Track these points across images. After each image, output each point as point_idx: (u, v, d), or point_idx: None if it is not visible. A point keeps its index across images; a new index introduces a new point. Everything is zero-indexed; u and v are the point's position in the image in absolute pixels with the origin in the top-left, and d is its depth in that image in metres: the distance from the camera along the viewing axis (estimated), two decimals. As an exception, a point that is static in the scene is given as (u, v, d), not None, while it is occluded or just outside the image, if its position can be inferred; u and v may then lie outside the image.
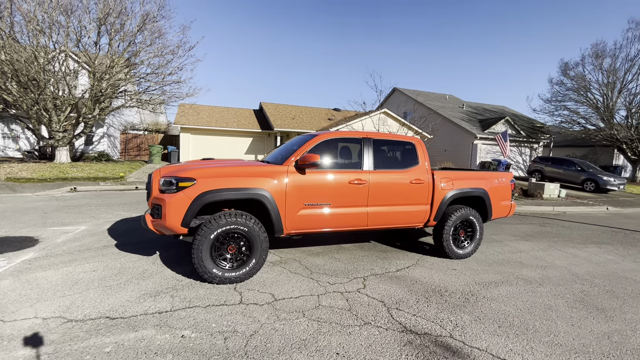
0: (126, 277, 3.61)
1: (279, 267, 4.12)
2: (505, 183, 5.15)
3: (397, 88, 29.16)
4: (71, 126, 14.00)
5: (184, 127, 21.19)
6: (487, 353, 2.52)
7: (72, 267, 3.81)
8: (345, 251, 4.96)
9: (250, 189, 3.52)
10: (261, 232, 3.58)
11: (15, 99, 12.20)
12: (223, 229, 3.42)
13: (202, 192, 3.35)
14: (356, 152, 4.25)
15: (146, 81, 14.98)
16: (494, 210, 5.00)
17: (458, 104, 28.24)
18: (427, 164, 4.59)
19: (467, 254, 4.80)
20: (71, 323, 2.63)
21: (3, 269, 3.69)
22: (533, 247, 5.78)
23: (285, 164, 3.84)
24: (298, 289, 3.51)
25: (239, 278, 3.53)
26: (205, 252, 3.37)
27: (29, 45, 12.04)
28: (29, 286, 3.27)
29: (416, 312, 3.13)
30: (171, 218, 3.32)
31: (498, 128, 22.02)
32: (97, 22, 12.66)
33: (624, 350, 2.67)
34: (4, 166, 12.85)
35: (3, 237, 4.89)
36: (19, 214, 6.61)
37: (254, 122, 24.03)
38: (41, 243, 4.70)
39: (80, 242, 4.78)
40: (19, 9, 11.50)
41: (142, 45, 13.71)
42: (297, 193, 3.76)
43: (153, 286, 3.40)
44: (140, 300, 3.07)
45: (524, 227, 7.76)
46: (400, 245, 5.44)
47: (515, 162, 22.98)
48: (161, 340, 2.46)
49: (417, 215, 4.51)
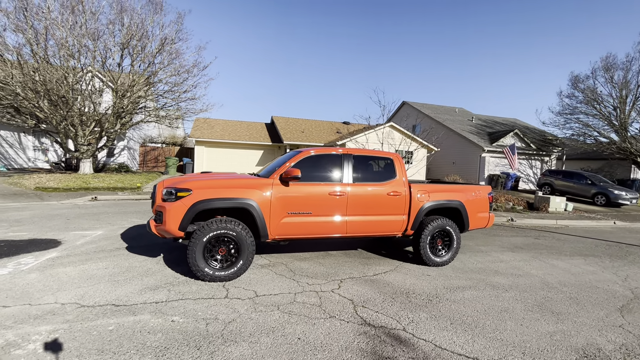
0: (132, 274, 4.17)
1: (266, 269, 4.60)
2: (483, 196, 5.49)
3: (406, 102, 29.62)
4: (95, 140, 15.13)
5: (199, 140, 22.28)
6: (430, 343, 2.89)
7: (88, 265, 4.41)
8: (331, 257, 5.39)
9: (239, 199, 4.05)
10: (248, 236, 4.09)
11: (46, 116, 13.41)
12: (214, 233, 3.95)
13: (196, 201, 3.90)
14: (337, 167, 4.73)
15: (163, 98, 16.08)
16: (471, 221, 5.33)
17: (467, 117, 28.35)
18: (405, 178, 5.01)
19: (444, 261, 5.13)
20: (83, 308, 3.19)
21: (31, 265, 4.33)
22: (516, 258, 6.02)
23: (271, 177, 4.36)
24: (279, 287, 3.96)
25: (227, 277, 4.03)
26: (198, 253, 3.90)
27: (60, 67, 13.28)
28: (51, 279, 3.88)
29: (379, 309, 3.52)
30: (170, 223, 3.88)
31: (507, 141, 21.99)
32: (121, 46, 13.86)
33: (560, 347, 2.97)
34: (34, 177, 14.00)
35: (32, 239, 5.60)
36: (46, 219, 7.39)
37: (265, 135, 24.92)
38: (63, 245, 5.37)
39: (96, 245, 5.42)
40: (52, 35, 12.80)
41: (161, 66, 14.84)
42: (280, 203, 4.27)
43: (154, 282, 3.94)
44: (142, 293, 3.61)
45: (516, 239, 7.95)
46: (385, 253, 5.81)
47: (526, 175, 22.78)
48: (154, 323, 2.97)
49: (394, 225, 4.91)
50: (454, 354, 2.75)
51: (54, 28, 12.50)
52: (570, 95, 22.36)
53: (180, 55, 15.56)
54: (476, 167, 21.59)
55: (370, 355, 2.66)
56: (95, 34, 13.26)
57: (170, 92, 15.54)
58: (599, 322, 3.53)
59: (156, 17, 15.10)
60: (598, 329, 3.37)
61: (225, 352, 2.59)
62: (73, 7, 12.61)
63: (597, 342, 3.08)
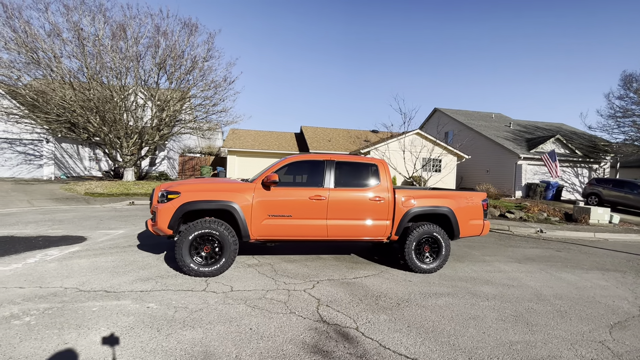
0: (132, 267, 4.71)
1: (252, 269, 4.90)
2: (476, 203, 5.34)
3: (438, 108, 28.84)
4: (136, 150, 16.77)
5: (231, 150, 23.59)
6: (375, 342, 2.97)
7: (99, 258, 5.05)
8: (320, 260, 5.55)
9: (221, 201, 4.43)
10: (230, 236, 4.43)
11: (96, 129, 15.20)
12: (199, 232, 4.36)
13: (184, 202, 4.35)
14: (319, 173, 4.94)
15: (196, 111, 17.43)
16: (462, 228, 5.20)
17: (505, 123, 26.84)
18: (389, 183, 5.07)
19: (431, 269, 5.06)
20: (80, 292, 3.72)
21: (54, 256, 5.06)
22: (519, 269, 5.71)
23: (255, 182, 4.70)
24: (255, 284, 4.24)
25: (211, 273, 4.39)
26: (184, 250, 4.32)
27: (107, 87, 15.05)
28: (65, 268, 4.52)
29: (342, 309, 3.64)
30: (161, 222, 4.35)
31: (547, 147, 20.47)
32: (158, 66, 15.39)
33: (516, 357, 2.88)
34: (86, 183, 15.86)
35: (64, 236, 6.47)
36: (83, 220, 8.43)
37: (294, 144, 25.68)
38: (87, 241, 6.14)
39: (113, 242, 6.12)
40: (101, 59, 14.60)
41: (194, 82, 16.20)
42: (261, 206, 4.57)
43: (147, 274, 4.42)
44: (133, 282, 4.08)
45: (533, 250, 7.47)
46: (376, 259, 5.84)
47: (570, 184, 20.93)
48: (132, 307, 3.39)
49: (377, 230, 4.97)
50: (395, 354, 2.80)
51: (103, 53, 14.27)
52: (621, 96, 20.33)
53: (212, 72, 16.85)
54: (511, 176, 20.30)
55: (309, 348, 2.82)
56: (137, 57, 14.89)
57: (201, 106, 16.81)
58: (576, 336, 3.32)
59: (191, 38, 16.58)
60: (571, 342, 3.18)
61: (180, 335, 2.91)
62: (120, 35, 14.32)
63: (561, 356, 2.93)
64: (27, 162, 18.05)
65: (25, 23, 13.12)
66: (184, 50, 16.24)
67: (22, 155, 18.01)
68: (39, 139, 17.78)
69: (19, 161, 17.98)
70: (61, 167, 19.10)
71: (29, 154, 18.05)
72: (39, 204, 11.35)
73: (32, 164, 18.11)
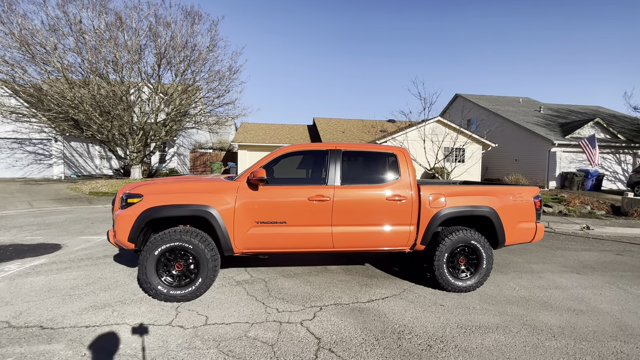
0: (94, 287, 3.83)
1: (240, 288, 3.93)
2: (526, 200, 4.13)
3: (460, 94, 26.95)
4: (142, 147, 16.20)
5: (241, 145, 22.79)
6: None
7: (60, 275, 4.21)
8: (326, 274, 4.52)
9: (194, 206, 3.45)
10: (207, 250, 3.46)
11: (98, 126, 14.66)
12: (167, 246, 3.40)
13: (146, 208, 3.39)
14: (321, 166, 3.88)
15: (202, 104, 16.63)
16: (508, 233, 4.02)
17: (534, 107, 24.71)
18: (412, 178, 3.94)
19: (468, 286, 3.92)
20: (9, 329, 2.85)
21: (9, 272, 4.27)
22: (580, 283, 4.47)
23: (238, 180, 3.69)
24: (238, 314, 3.25)
25: (185, 297, 3.45)
26: (149, 269, 3.38)
27: (108, 82, 14.44)
28: (12, 290, 3.70)
29: (349, 356, 2.60)
30: (119, 233, 3.43)
31: (584, 132, 18.45)
32: (159, 57, 14.62)
33: None
34: (93, 182, 15.45)
35: (39, 244, 5.74)
36: (73, 223, 7.75)
37: (306, 137, 24.62)
38: (61, 250, 5.37)
39: (90, 251, 5.31)
40: (99, 52, 13.96)
41: (198, 72, 15.36)
42: (247, 210, 3.57)
43: (107, 298, 3.52)
44: (82, 313, 3.19)
45: (588, 254, 6.14)
46: (396, 271, 4.75)
47: (612, 173, 18.85)
48: (61, 356, 2.48)
49: (397, 238, 3.87)
50: None
51: (103, 46, 13.61)
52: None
53: (217, 63, 15.96)
54: (544, 165, 18.46)
55: None
56: (139, 49, 14.16)
57: (206, 98, 16.00)
58: None
59: (194, 27, 15.70)
60: None
61: (106, 412, 1.96)
62: (120, 26, 13.61)
63: None
64: (37, 162, 17.91)
65: (22, 16, 12.61)
66: (187, 40, 15.41)
67: (32, 155, 17.88)
68: (47, 138, 17.56)
69: (30, 161, 17.86)
70: (71, 166, 18.91)
71: (38, 154, 17.90)
72: (38, 205, 10.89)
73: (42, 163, 17.96)
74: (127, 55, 13.90)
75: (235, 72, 15.87)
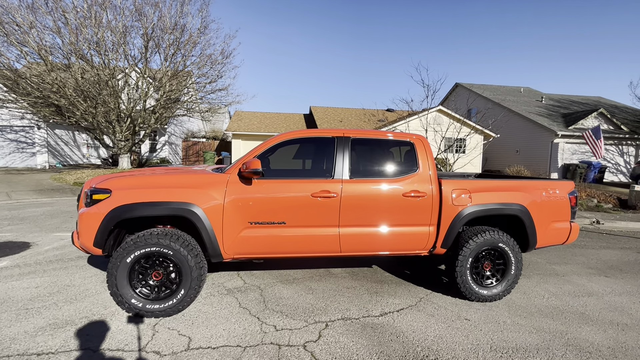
0: (58, 298, 3.25)
1: (231, 298, 3.37)
2: (561, 196, 3.60)
3: (460, 83, 26.31)
4: (130, 135, 15.39)
5: (235, 134, 22.00)
6: None
7: (22, 281, 3.62)
8: (330, 278, 3.98)
9: (173, 203, 2.85)
10: (191, 256, 2.88)
11: (82, 113, 13.79)
12: (142, 252, 2.82)
13: (115, 206, 2.79)
14: (326, 156, 3.30)
15: (193, 90, 15.79)
16: (540, 234, 3.51)
17: (535, 97, 24.20)
18: (432, 170, 3.38)
19: (494, 295, 3.42)
20: (-62, 359, 2.27)
21: (-40, 279, 3.66)
22: (613, 289, 4.00)
23: (228, 172, 3.09)
24: (228, 334, 2.70)
25: (164, 311, 2.88)
26: (121, 279, 2.81)
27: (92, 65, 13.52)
28: (-42, 302, 3.10)
29: (367, 395, 2.07)
30: (83, 236, 2.84)
31: (588, 123, 18.03)
32: (145, 37, 13.69)
33: None
34: (78, 172, 14.67)
35: (5, 242, 5.11)
36: (50, 217, 7.10)
37: (302, 126, 23.89)
38: (29, 250, 4.76)
39: (60, 251, 4.71)
40: (81, 33, 13.00)
41: (188, 56, 14.48)
42: (238, 208, 2.98)
43: (71, 314, 2.95)
44: (37, 334, 2.61)
45: (609, 253, 5.70)
46: (408, 274, 4.24)
47: (614, 165, 18.54)
48: (-5, 401, 1.91)
49: (414, 240, 3.33)
50: None
51: (84, 26, 12.66)
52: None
53: (209, 46, 15.08)
54: (546, 156, 18.06)
55: None
56: (123, 29, 13.23)
57: (197, 84, 15.16)
58: None
59: (185, 7, 14.74)
60: None
61: None
62: (100, 3, 12.63)
63: None
64: (20, 151, 17.02)
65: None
66: (176, 21, 14.46)
67: (14, 143, 16.97)
68: (29, 125, 16.64)
69: (12, 149, 16.96)
70: (56, 155, 18.03)
71: (21, 142, 16.99)
72: (17, 196, 10.17)
73: (24, 152, 17.07)
74: (111, 36, 12.97)
75: (228, 56, 15.01)
